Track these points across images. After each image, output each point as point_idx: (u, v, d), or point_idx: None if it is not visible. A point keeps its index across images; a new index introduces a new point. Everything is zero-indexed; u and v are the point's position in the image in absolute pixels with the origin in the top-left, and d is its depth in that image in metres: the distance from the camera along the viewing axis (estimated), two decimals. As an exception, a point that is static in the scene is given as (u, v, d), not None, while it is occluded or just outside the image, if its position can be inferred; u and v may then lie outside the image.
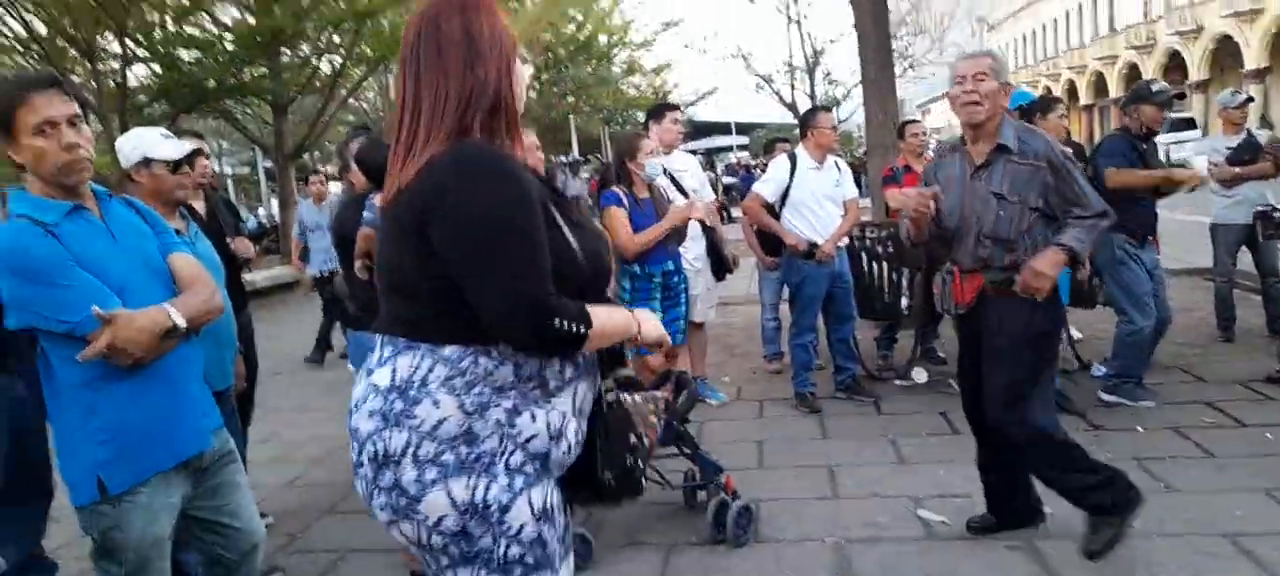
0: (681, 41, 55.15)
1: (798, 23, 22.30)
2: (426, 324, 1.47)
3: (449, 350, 1.45)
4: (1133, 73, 42.35)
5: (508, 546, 1.49)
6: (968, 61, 2.95)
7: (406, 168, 1.46)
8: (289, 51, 13.55)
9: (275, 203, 17.71)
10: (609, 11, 29.22)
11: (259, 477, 4.43)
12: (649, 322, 1.64)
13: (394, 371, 1.47)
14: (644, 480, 1.65)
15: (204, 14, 13.10)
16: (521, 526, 1.49)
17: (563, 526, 1.58)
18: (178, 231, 2.65)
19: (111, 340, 1.92)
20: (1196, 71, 37.17)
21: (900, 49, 20.40)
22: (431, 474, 1.45)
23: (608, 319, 1.53)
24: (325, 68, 14.66)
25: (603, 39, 28.56)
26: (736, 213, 12.13)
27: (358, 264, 3.18)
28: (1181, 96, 5.92)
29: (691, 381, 3.75)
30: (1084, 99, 45.65)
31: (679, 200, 4.72)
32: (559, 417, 1.52)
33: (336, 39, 13.35)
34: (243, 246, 3.72)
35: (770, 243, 5.48)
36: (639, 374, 4.45)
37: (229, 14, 13.68)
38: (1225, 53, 35.12)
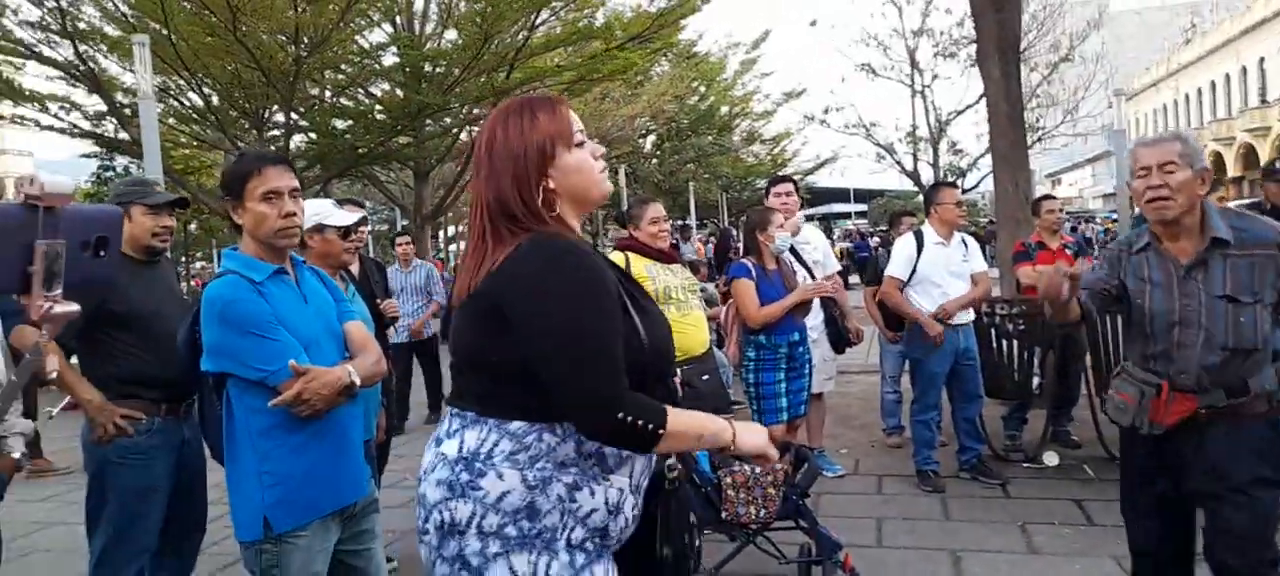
0: (803, 111, 55.33)
1: (922, 93, 22.01)
2: (494, 398, 1.52)
3: (515, 425, 1.50)
4: (1288, 147, 39.54)
5: None
6: (1151, 149, 2.49)
7: (479, 263, 1.54)
8: (432, 122, 14.44)
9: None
10: (732, 84, 29.76)
11: (389, 522, 4.66)
12: (750, 437, 1.62)
13: (462, 443, 1.52)
14: (697, 561, 1.65)
15: (359, 89, 14.19)
16: None
17: None
18: (340, 291, 2.92)
19: (301, 391, 2.15)
20: (1365, 144, 34.36)
21: (1031, 121, 19.84)
22: (494, 547, 1.48)
23: (693, 424, 1.54)
24: (464, 137, 15.53)
25: (724, 109, 29.05)
26: (855, 279, 11.99)
27: None
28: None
29: (811, 454, 3.77)
30: (1232, 171, 42.94)
31: (802, 274, 4.78)
32: (617, 494, 1.54)
33: (476, 111, 14.14)
34: (390, 307, 4.02)
35: (893, 317, 5.43)
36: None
37: (381, 87, 14.74)
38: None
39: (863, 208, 35.18)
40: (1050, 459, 5.22)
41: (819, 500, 4.69)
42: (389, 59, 14.05)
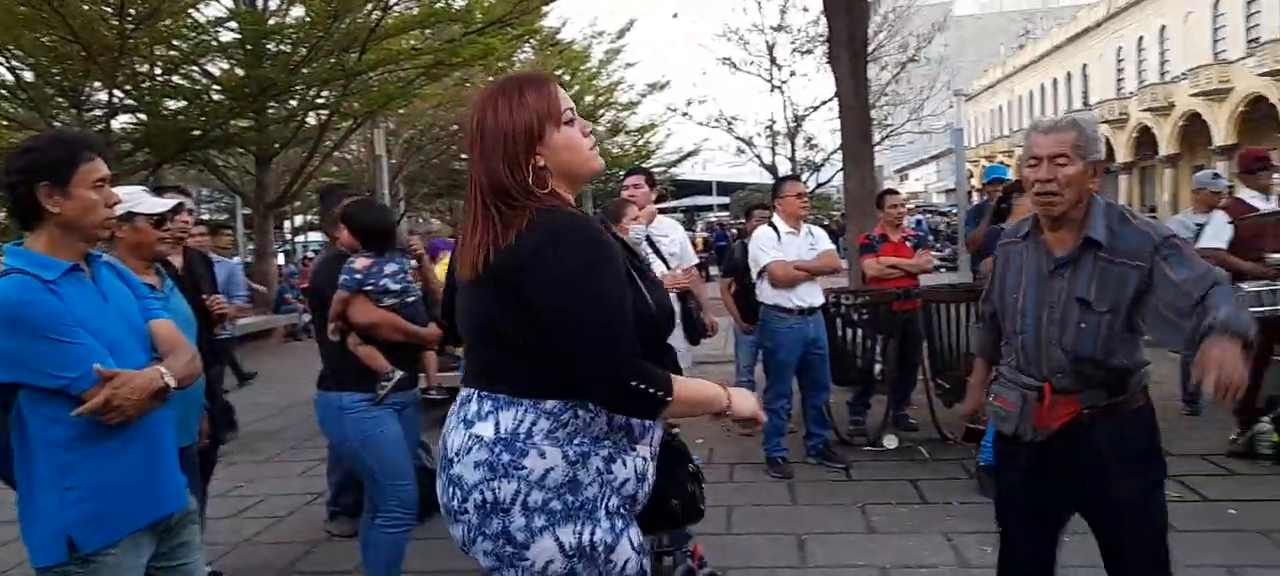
0: (666, 103, 56.02)
1: (780, 88, 22.70)
2: (526, 379, 1.58)
3: (550, 404, 1.57)
4: (1106, 145, 43.32)
5: None
6: (1046, 138, 2.25)
7: (481, 242, 1.58)
8: (276, 104, 13.63)
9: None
10: (596, 73, 29.73)
11: (216, 534, 4.38)
12: (741, 399, 1.72)
13: (497, 424, 1.58)
14: (702, 505, 1.82)
15: (194, 66, 13.20)
16: (626, 562, 1.62)
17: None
18: (151, 286, 2.67)
19: (110, 397, 1.94)
20: (1166, 147, 38.11)
21: (880, 118, 20.80)
22: (540, 521, 1.56)
23: (694, 391, 1.64)
24: (311, 121, 14.77)
25: (588, 99, 28.99)
26: (715, 271, 12.22)
27: (330, 326, 3.17)
28: (1106, 171, 6.12)
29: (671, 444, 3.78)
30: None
31: (658, 265, 4.78)
32: (642, 462, 1.66)
33: (325, 94, 13.46)
34: (216, 303, 3.73)
35: (747, 309, 5.53)
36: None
37: (218, 65, 13.77)
38: (1194, 130, 36.07)
39: (725, 200, 35.98)
40: (890, 442, 5.48)
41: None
42: (228, 35, 13.16)
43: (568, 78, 27.77)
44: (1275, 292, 4.67)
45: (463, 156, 27.02)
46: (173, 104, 13.03)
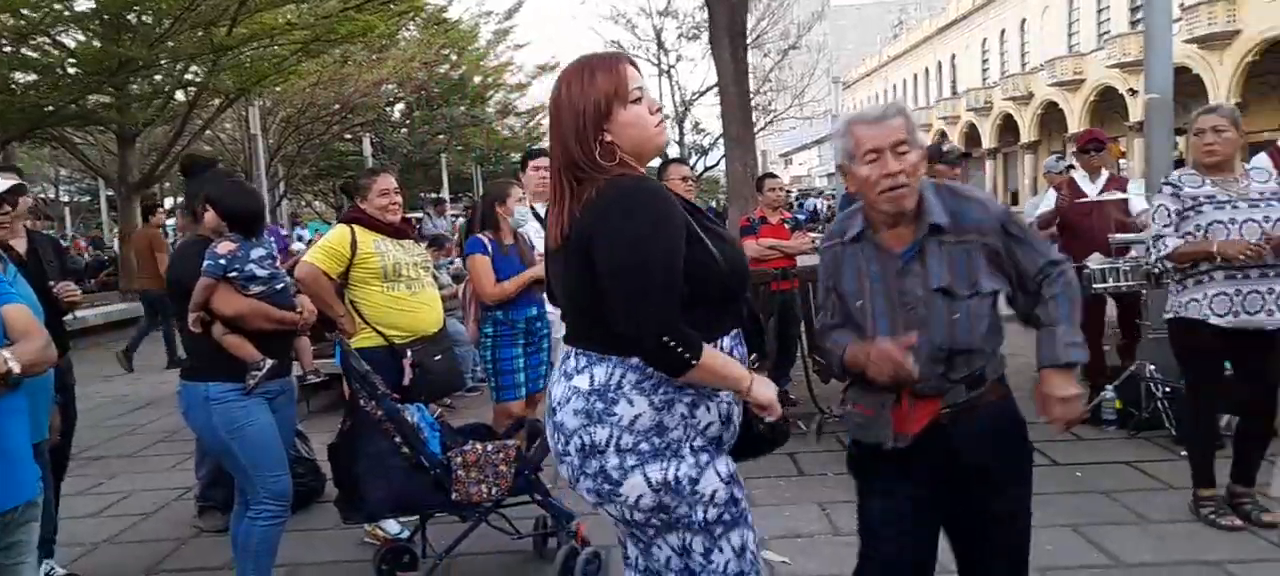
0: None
1: (667, 73, 22.92)
2: (611, 337, 1.72)
3: (636, 359, 1.73)
4: (972, 132, 45.78)
5: (705, 510, 1.77)
6: (877, 128, 2.03)
7: (562, 211, 1.76)
8: (139, 80, 12.81)
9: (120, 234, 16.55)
10: (484, 53, 29.21)
11: (75, 532, 4.15)
12: (762, 388, 1.80)
13: (592, 377, 1.76)
14: (788, 428, 1.97)
15: (45, 37, 12.24)
16: (714, 492, 1.78)
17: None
18: (-7, 272, 2.49)
19: None
20: (1027, 134, 40.52)
21: (763, 104, 21.31)
22: (631, 460, 1.74)
23: (721, 365, 1.75)
24: (180, 97, 13.95)
25: (477, 80, 28.49)
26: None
27: (192, 316, 3.01)
28: (967, 156, 6.54)
29: (544, 429, 3.79)
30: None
31: (541, 248, 4.77)
32: (727, 407, 1.83)
33: (193, 70, 12.72)
34: (67, 291, 3.51)
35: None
36: (496, 421, 4.44)
37: (74, 37, 12.82)
38: (1052, 118, 38.49)
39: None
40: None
41: (556, 475, 4.74)
42: (84, 4, 12.27)
43: (455, 58, 27.23)
44: (1117, 271, 5.08)
45: (346, 137, 26.17)
46: (22, 77, 12.07)
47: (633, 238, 1.66)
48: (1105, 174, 5.75)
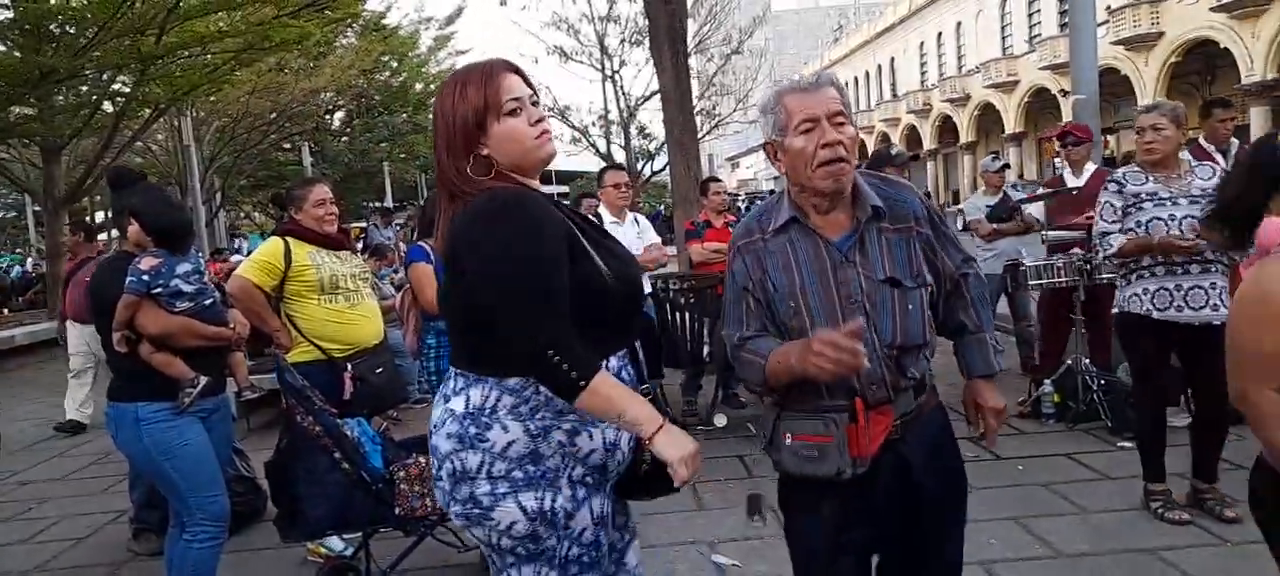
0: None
1: (612, 78, 22.92)
2: (490, 357, 1.65)
3: (513, 381, 1.65)
4: (913, 134, 46.78)
5: (570, 547, 1.69)
6: (811, 97, 1.82)
7: (441, 228, 1.72)
8: (64, 92, 12.36)
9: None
10: (426, 60, 28.91)
11: (3, 562, 3.98)
12: (671, 446, 1.57)
13: (468, 399, 1.67)
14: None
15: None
16: (583, 530, 1.70)
17: (612, 528, 1.79)
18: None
19: None
20: (965, 135, 41.52)
21: (707, 108, 21.44)
22: (503, 488, 1.65)
23: (620, 398, 1.57)
24: (107, 108, 13.49)
25: (418, 87, 28.16)
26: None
27: (116, 336, 2.89)
28: (915, 158, 6.66)
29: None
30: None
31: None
32: (614, 433, 1.70)
33: (121, 80, 12.31)
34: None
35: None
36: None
37: (-10, 46, 12.34)
38: (989, 119, 39.49)
39: (565, 189, 36.11)
40: (720, 420, 5.68)
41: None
42: (2, 14, 11.81)
43: (396, 64, 26.88)
44: (1074, 265, 5.09)
45: (284, 146, 25.63)
46: (-66, 89, 11.55)
47: (501, 244, 1.58)
48: (1090, 166, 5.66)
